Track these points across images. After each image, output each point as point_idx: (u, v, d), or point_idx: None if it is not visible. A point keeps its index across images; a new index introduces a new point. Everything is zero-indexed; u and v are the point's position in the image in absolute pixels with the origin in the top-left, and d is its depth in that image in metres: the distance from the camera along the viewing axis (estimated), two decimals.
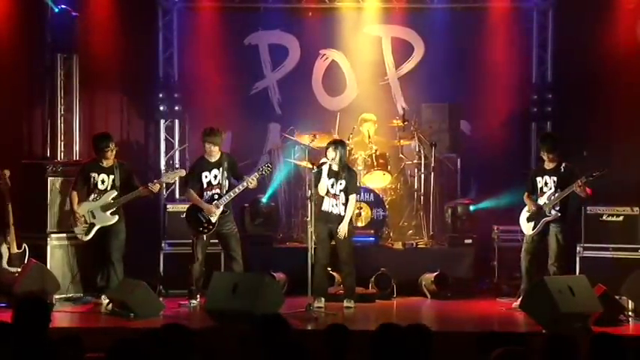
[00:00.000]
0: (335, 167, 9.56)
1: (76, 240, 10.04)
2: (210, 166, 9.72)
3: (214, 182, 9.71)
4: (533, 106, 12.00)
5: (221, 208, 9.62)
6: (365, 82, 12.36)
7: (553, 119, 11.92)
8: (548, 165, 9.68)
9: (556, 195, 9.51)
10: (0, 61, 11.13)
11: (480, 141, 12.00)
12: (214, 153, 9.74)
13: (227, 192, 9.67)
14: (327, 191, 9.54)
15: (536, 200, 9.66)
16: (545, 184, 9.66)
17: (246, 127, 12.12)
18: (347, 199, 9.59)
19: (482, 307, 9.87)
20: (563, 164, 9.61)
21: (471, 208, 11.10)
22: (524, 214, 9.77)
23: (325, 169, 9.49)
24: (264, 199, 11.32)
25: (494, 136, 11.88)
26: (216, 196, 9.66)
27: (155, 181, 9.84)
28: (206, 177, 9.70)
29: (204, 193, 9.69)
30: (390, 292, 10.23)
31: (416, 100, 12.22)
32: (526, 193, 9.78)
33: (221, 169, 9.71)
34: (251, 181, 9.62)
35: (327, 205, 9.56)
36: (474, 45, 11.94)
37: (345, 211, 9.57)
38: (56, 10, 11.05)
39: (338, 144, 9.70)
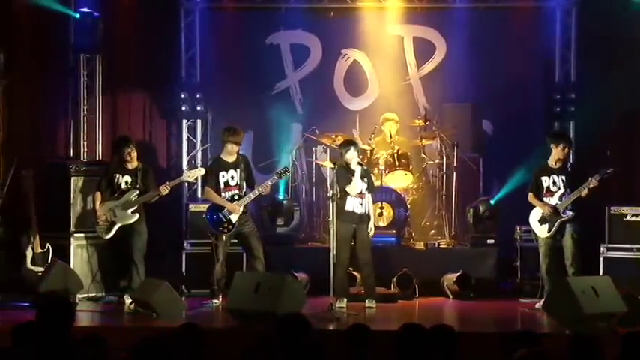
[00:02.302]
0: (359, 167, 9.55)
1: (99, 239, 10.09)
2: (227, 167, 9.72)
3: (232, 183, 9.70)
4: (555, 106, 11.92)
5: (242, 208, 9.62)
6: (387, 82, 12.33)
7: (576, 119, 11.83)
8: (555, 164, 9.59)
9: (570, 195, 9.43)
10: (23, 62, 11.19)
11: (502, 141, 11.94)
12: (233, 153, 9.74)
13: (246, 193, 9.66)
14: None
15: (542, 201, 9.58)
16: (553, 183, 9.56)
17: (267, 127, 12.11)
18: (368, 199, 9.58)
19: (505, 308, 9.82)
20: (569, 163, 9.55)
21: (492, 202, 11.07)
22: (535, 216, 9.66)
23: (358, 170, 9.45)
24: (280, 197, 11.32)
25: (516, 136, 11.81)
26: (236, 197, 9.66)
27: (166, 183, 9.84)
28: (223, 177, 9.70)
29: (223, 194, 9.69)
30: (412, 292, 10.19)
31: (438, 99, 12.18)
32: (531, 194, 9.68)
33: (238, 170, 9.71)
34: (265, 188, 9.60)
35: (352, 204, 9.53)
36: (496, 44, 11.88)
37: (368, 211, 9.54)
38: (77, 16, 11.11)
39: (355, 144, 9.70)
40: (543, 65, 11.99)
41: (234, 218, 9.61)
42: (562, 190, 9.49)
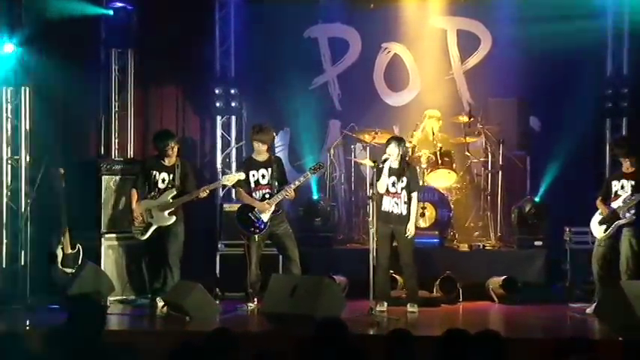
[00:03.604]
0: (396, 165, 9.49)
1: (131, 240, 10.14)
2: (257, 165, 9.73)
3: (263, 182, 9.70)
4: (607, 102, 11.77)
5: (273, 206, 9.62)
6: (429, 77, 12.29)
7: (629, 115, 11.69)
8: (628, 169, 9.55)
9: (632, 197, 9.35)
10: (53, 58, 11.27)
11: (550, 138, 11.82)
12: (262, 152, 9.74)
13: (278, 191, 9.67)
14: (388, 190, 9.47)
15: (609, 205, 9.52)
16: (622, 187, 9.52)
17: (305, 124, 12.10)
18: (409, 198, 9.51)
19: (554, 313, 9.73)
20: None
21: (536, 199, 10.98)
22: (596, 218, 9.64)
23: (387, 166, 9.43)
24: (315, 196, 11.33)
25: (565, 133, 11.69)
26: (267, 196, 9.67)
27: (205, 187, 9.85)
28: (253, 176, 9.71)
29: (254, 193, 9.70)
30: (456, 296, 10.15)
31: (482, 95, 12.13)
32: (599, 198, 9.66)
33: (270, 169, 9.71)
34: (289, 191, 9.55)
35: (388, 204, 9.49)
36: (544, 37, 11.74)
37: (407, 211, 9.51)
38: (110, 12, 11.18)
39: (400, 140, 9.66)
40: (594, 58, 11.84)
41: (264, 218, 9.62)
42: (628, 194, 9.42)
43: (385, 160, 9.42)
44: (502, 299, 10.19)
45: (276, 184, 9.70)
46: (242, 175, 9.78)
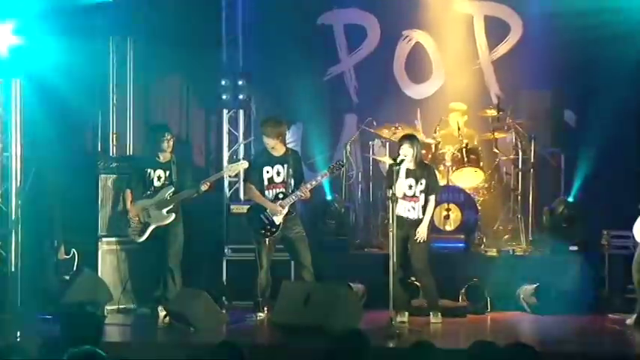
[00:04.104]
0: (412, 166, 9.45)
1: (130, 245, 10.16)
2: (273, 160, 9.72)
3: (277, 179, 9.70)
4: None
5: (286, 208, 9.61)
6: (453, 67, 12.27)
7: None
8: None
9: None
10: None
11: (586, 133, 11.78)
12: (275, 146, 9.72)
13: (293, 192, 9.65)
14: (404, 193, 9.42)
15: None
16: None
17: (318, 118, 12.12)
18: (427, 201, 9.49)
19: (591, 324, 9.73)
20: None
21: (570, 199, 10.96)
22: None
23: (403, 168, 9.38)
24: (328, 197, 11.33)
25: (603, 128, 11.64)
26: (281, 195, 9.66)
27: (204, 180, 9.86)
28: (268, 172, 9.70)
29: (267, 192, 9.69)
30: (484, 305, 10.14)
31: (512, 86, 12.11)
32: None
33: (286, 165, 9.71)
34: (304, 191, 9.56)
35: (402, 208, 9.42)
36: (580, 23, 11.69)
37: (423, 215, 9.47)
38: None
39: (414, 139, 9.61)
40: (636, 46, 11.77)
41: (277, 220, 9.61)
42: None
43: (401, 162, 9.37)
44: (534, 309, 10.16)
45: (292, 182, 9.68)
46: (245, 164, 9.80)
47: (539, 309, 10.13)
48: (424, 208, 9.47)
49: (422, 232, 9.43)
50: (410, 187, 9.44)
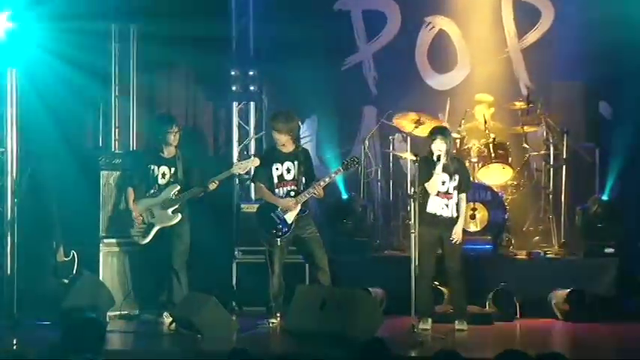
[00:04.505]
0: (444, 160, 9.46)
1: (133, 246, 10.17)
2: (282, 158, 9.73)
3: (288, 177, 9.71)
4: None
5: (299, 206, 9.61)
6: (480, 56, 12.27)
7: None
8: None
9: None
10: None
11: (623, 127, 11.74)
12: (285, 143, 9.71)
13: (305, 189, 9.65)
14: (438, 191, 9.44)
15: None
16: None
17: (335, 111, 12.13)
18: (460, 199, 9.50)
19: (629, 332, 9.67)
20: None
21: (605, 198, 10.95)
22: None
23: (440, 164, 9.38)
24: (344, 195, 11.34)
25: None
26: (292, 193, 9.67)
27: (213, 179, 9.85)
28: (277, 170, 9.71)
29: (277, 190, 9.70)
30: (512, 312, 10.14)
31: (543, 77, 12.11)
32: None
33: (296, 162, 9.71)
34: (317, 188, 9.55)
35: (435, 205, 9.46)
36: (617, 8, 11.67)
37: (457, 213, 9.48)
38: None
39: (446, 132, 9.61)
40: None
41: (289, 218, 9.61)
42: None
43: (438, 158, 9.35)
44: (567, 316, 10.15)
45: (303, 179, 9.68)
46: (256, 161, 9.79)
47: (573, 316, 10.11)
48: (457, 205, 9.47)
49: (458, 233, 9.47)
50: (443, 183, 9.45)
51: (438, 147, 9.42)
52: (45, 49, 10.52)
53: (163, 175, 9.94)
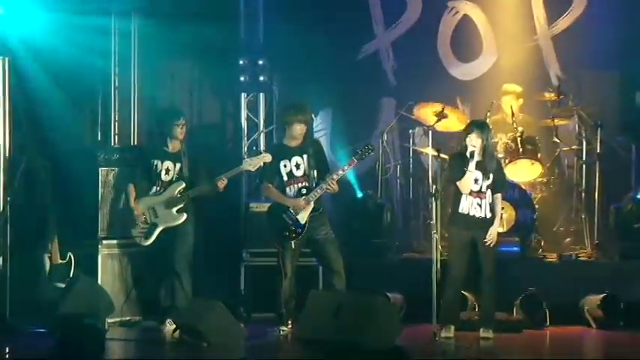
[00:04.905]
0: (479, 157, 9.43)
1: (134, 248, 10.17)
2: (289, 153, 9.71)
3: (297, 173, 9.69)
4: None
5: (312, 204, 9.59)
6: (507, 44, 12.28)
7: None
8: None
9: None
10: None
11: None
12: (297, 136, 9.70)
13: (318, 184, 9.62)
14: (470, 189, 9.42)
15: None
16: None
17: (351, 103, 12.15)
18: (493, 198, 9.49)
19: None
20: None
21: (638, 196, 10.95)
22: None
23: (473, 161, 9.35)
24: (358, 193, 11.35)
25: None
26: (304, 191, 9.65)
27: (221, 176, 9.84)
28: (285, 166, 9.70)
29: (287, 189, 9.69)
30: (542, 318, 10.10)
31: (575, 66, 12.12)
32: None
33: (305, 156, 9.69)
34: (331, 183, 9.52)
35: (468, 205, 9.44)
36: None
37: (492, 213, 9.45)
38: None
39: (484, 126, 9.57)
40: None
41: (301, 218, 9.60)
42: None
43: (472, 154, 9.33)
44: (600, 323, 10.12)
45: (315, 174, 9.66)
46: (267, 157, 9.76)
47: (607, 323, 10.08)
48: (491, 205, 9.46)
49: (493, 235, 9.46)
50: (476, 181, 9.42)
51: (473, 142, 9.39)
52: (40, 39, 10.55)
53: (167, 170, 9.94)
